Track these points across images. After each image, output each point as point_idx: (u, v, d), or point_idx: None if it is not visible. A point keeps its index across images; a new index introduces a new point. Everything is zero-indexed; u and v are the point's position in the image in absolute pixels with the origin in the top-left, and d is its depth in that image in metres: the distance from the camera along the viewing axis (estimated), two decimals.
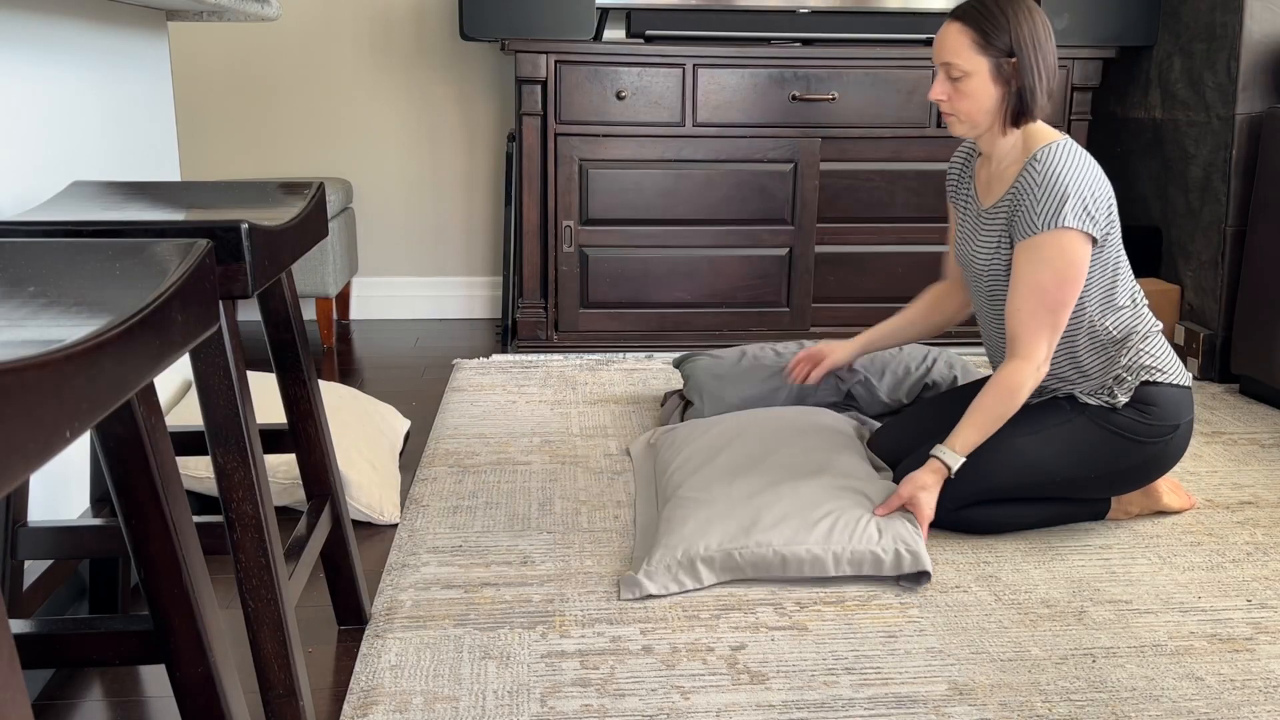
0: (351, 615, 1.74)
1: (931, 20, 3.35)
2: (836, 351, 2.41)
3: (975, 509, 2.04)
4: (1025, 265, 1.93)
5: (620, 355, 3.34)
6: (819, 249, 3.42)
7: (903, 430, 2.27)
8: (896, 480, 2.09)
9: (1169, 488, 2.17)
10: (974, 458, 2.01)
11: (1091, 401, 2.02)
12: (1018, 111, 1.97)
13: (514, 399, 2.91)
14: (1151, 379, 1.99)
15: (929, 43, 3.34)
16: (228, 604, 1.83)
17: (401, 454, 2.53)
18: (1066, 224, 1.89)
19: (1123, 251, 2.01)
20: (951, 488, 2.01)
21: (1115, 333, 2.01)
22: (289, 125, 3.80)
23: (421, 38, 3.78)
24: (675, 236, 3.37)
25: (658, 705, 1.52)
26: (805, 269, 3.41)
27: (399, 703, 1.52)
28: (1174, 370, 2.02)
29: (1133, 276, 2.05)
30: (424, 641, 1.68)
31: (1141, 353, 2.01)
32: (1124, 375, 2.00)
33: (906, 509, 1.96)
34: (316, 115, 3.80)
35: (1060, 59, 3.33)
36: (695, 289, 3.41)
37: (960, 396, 2.25)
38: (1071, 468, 2.01)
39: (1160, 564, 1.97)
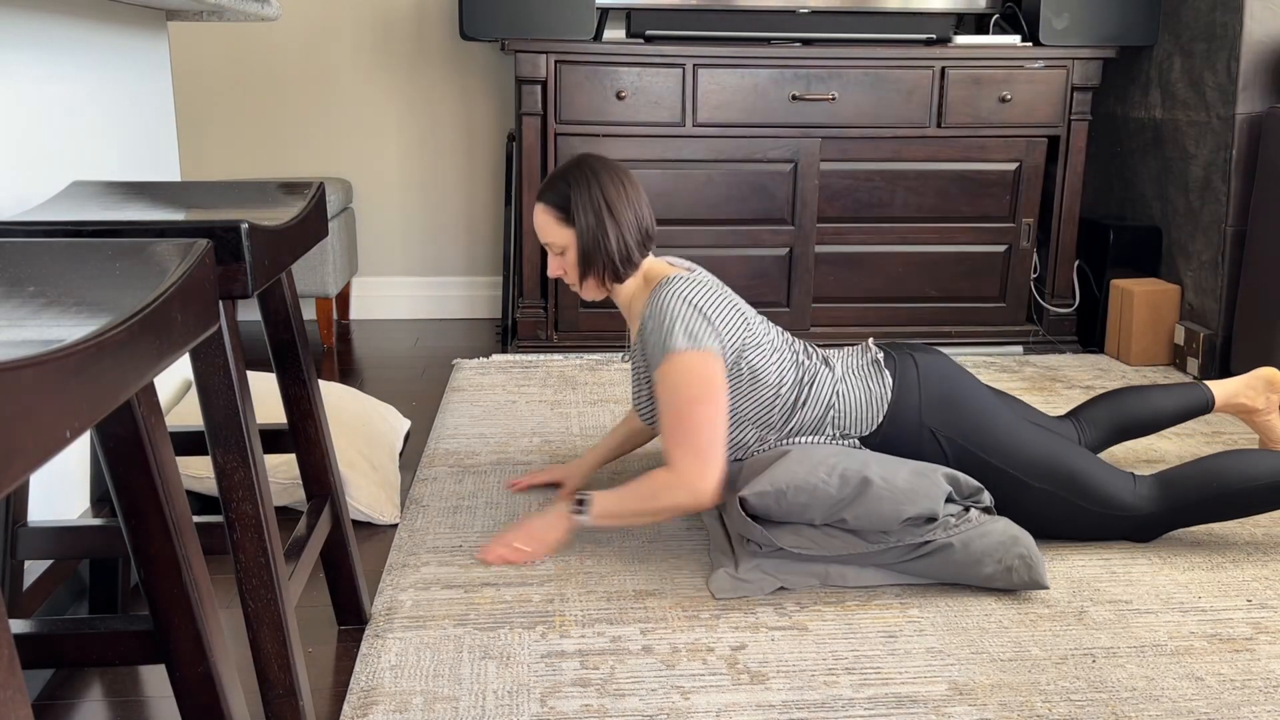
0: (351, 615, 1.75)
1: (931, 20, 3.35)
2: (572, 477, 2.30)
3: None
4: (659, 392, 1.93)
5: (620, 355, 3.34)
6: (819, 249, 3.42)
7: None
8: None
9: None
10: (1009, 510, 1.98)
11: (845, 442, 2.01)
12: (613, 271, 1.99)
13: (514, 399, 2.91)
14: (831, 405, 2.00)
15: (929, 43, 3.34)
16: (228, 604, 1.83)
17: (401, 454, 2.53)
18: (677, 347, 1.89)
19: (767, 358, 1.99)
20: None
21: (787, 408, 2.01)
22: (289, 125, 3.80)
23: (421, 38, 3.78)
24: (675, 236, 3.37)
25: (658, 705, 1.52)
26: (805, 269, 3.41)
27: (399, 703, 1.52)
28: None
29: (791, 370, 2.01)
30: (424, 641, 1.68)
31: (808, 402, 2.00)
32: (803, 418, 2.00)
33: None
34: (316, 115, 3.80)
35: (1060, 59, 3.34)
36: None
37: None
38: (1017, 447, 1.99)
39: (1160, 564, 1.97)
